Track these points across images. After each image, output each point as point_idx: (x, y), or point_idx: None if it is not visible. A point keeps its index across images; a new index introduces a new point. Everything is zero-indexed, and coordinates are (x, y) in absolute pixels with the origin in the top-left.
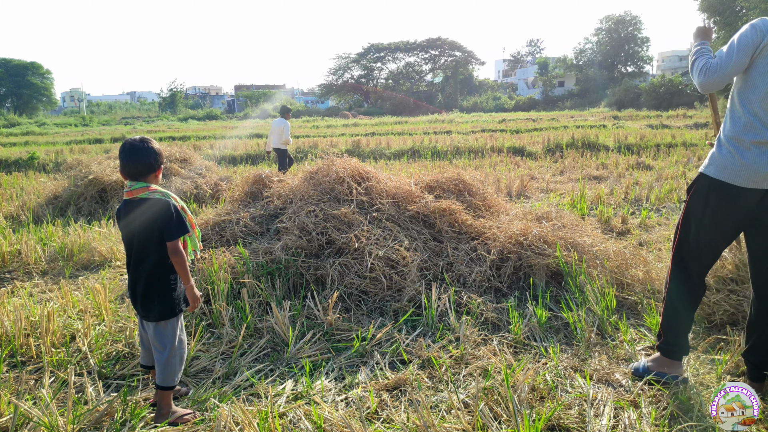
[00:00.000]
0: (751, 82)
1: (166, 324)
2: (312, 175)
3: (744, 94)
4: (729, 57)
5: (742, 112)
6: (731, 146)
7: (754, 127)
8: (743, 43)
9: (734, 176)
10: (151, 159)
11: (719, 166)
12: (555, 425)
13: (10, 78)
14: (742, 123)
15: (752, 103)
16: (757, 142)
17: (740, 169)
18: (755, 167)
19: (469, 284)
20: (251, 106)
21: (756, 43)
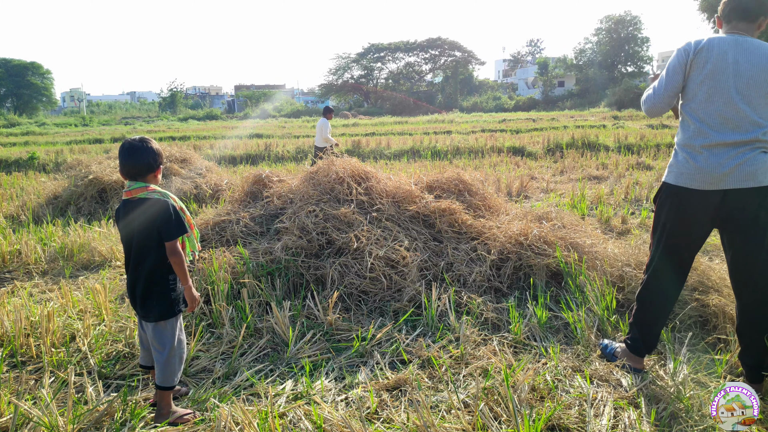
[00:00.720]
0: (691, 93)
1: (166, 324)
2: (312, 175)
3: (687, 105)
4: (660, 85)
5: (690, 120)
6: (685, 153)
7: (703, 132)
8: (671, 69)
9: (691, 180)
10: (149, 159)
11: (677, 172)
12: (555, 425)
13: (10, 78)
14: (691, 130)
15: (696, 111)
16: (707, 145)
17: (695, 173)
18: (708, 169)
19: (469, 284)
20: (251, 106)
21: (683, 64)
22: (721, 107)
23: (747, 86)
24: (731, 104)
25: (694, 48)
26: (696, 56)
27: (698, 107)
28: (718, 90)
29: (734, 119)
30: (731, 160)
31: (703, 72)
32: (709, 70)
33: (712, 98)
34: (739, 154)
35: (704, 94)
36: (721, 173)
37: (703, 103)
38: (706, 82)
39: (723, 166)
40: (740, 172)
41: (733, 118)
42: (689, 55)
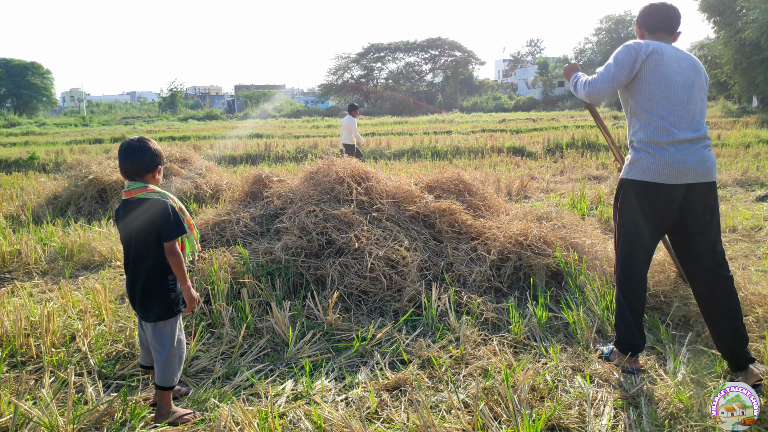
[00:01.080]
0: (648, 93)
1: (165, 324)
2: (312, 175)
3: (645, 104)
4: (608, 70)
5: (650, 118)
6: (649, 149)
7: (666, 129)
8: (620, 61)
9: (658, 175)
10: (147, 159)
11: (641, 168)
12: (555, 425)
13: (10, 78)
14: (653, 127)
15: (656, 109)
16: (672, 141)
17: (662, 168)
18: (675, 164)
19: (469, 284)
20: (251, 106)
21: (633, 61)
22: (677, 106)
23: (692, 88)
24: (684, 104)
25: (646, 49)
26: (648, 57)
27: (658, 105)
28: (673, 90)
29: (688, 117)
30: (692, 155)
31: (657, 73)
32: (661, 71)
33: (669, 98)
34: (696, 150)
35: (661, 93)
36: (686, 167)
37: (662, 101)
38: (662, 83)
39: (686, 161)
40: (700, 167)
41: (687, 116)
42: (640, 55)
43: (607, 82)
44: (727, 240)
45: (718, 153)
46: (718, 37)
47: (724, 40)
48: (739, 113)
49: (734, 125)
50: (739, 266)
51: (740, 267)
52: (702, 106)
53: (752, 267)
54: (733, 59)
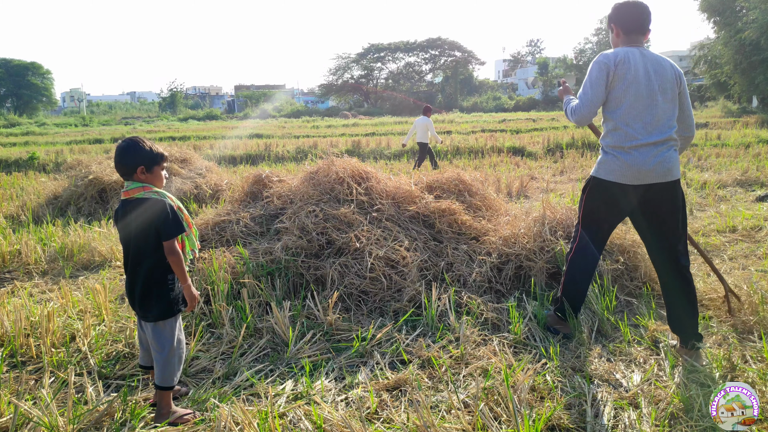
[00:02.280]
0: (616, 102)
1: (165, 324)
2: (312, 175)
3: (615, 113)
4: (586, 95)
5: (617, 125)
6: (616, 153)
7: (631, 135)
8: (595, 81)
9: (622, 176)
10: (137, 158)
11: (608, 170)
12: (555, 425)
13: (10, 78)
14: (620, 134)
15: (624, 117)
16: (635, 146)
17: (626, 170)
18: (637, 166)
19: (469, 284)
20: (251, 106)
21: (606, 76)
22: (642, 112)
23: (658, 93)
24: (650, 109)
25: (614, 60)
26: (617, 68)
27: (625, 114)
28: (639, 97)
29: (653, 123)
30: (654, 158)
31: (625, 82)
32: (629, 80)
33: (635, 105)
34: (659, 152)
35: (628, 101)
36: (647, 169)
37: (628, 109)
38: (629, 91)
39: (648, 163)
40: (661, 168)
41: (652, 121)
42: (611, 68)
43: (588, 107)
44: (727, 240)
45: (718, 153)
46: (718, 37)
47: (724, 40)
48: (739, 113)
49: (734, 125)
50: (739, 266)
51: (740, 267)
52: (670, 108)
53: (752, 267)
54: (733, 59)
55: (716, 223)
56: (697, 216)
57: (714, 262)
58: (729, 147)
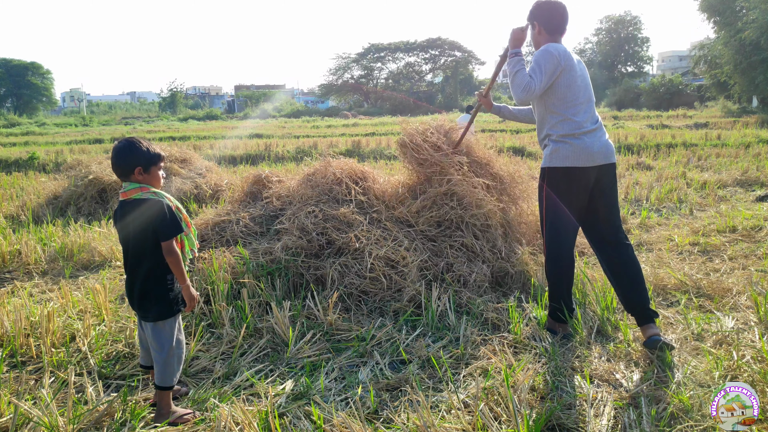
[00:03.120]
0: (562, 96)
1: (164, 324)
2: (309, 177)
3: (560, 105)
4: (540, 80)
5: (566, 116)
6: (567, 140)
7: (578, 123)
8: (548, 68)
9: (576, 160)
10: (133, 159)
11: (562, 156)
12: (555, 425)
13: (10, 78)
14: (568, 123)
15: (570, 109)
16: (584, 132)
17: (579, 153)
18: (588, 149)
19: (470, 285)
20: (251, 106)
21: (553, 68)
22: (583, 104)
23: (589, 87)
24: (589, 101)
25: (563, 55)
26: (564, 62)
27: (571, 106)
28: (581, 90)
29: (590, 112)
30: (598, 141)
31: (568, 78)
32: (572, 77)
33: (578, 96)
34: (600, 137)
35: (572, 95)
36: (596, 151)
37: (573, 101)
38: (572, 86)
39: (595, 145)
40: (606, 150)
41: (590, 111)
42: (560, 61)
43: (538, 91)
44: (727, 240)
45: (718, 153)
46: (718, 37)
47: (724, 40)
48: (739, 113)
49: (734, 125)
50: (739, 266)
51: (740, 267)
52: (593, 99)
53: (752, 267)
54: (733, 59)
55: (716, 223)
56: (697, 216)
57: (714, 262)
58: (729, 147)
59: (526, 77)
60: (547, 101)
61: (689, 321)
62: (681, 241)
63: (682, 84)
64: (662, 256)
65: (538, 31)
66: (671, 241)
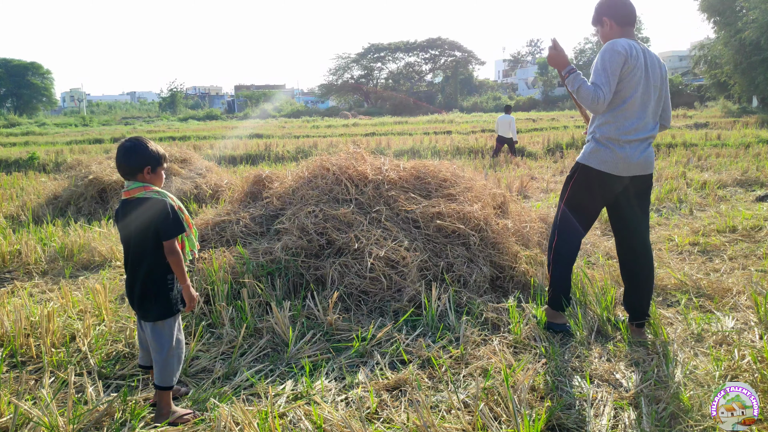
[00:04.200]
0: (620, 96)
1: (164, 324)
2: (310, 177)
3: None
4: (608, 84)
5: (617, 117)
6: (611, 144)
7: (628, 129)
8: (612, 70)
9: (614, 168)
10: (141, 159)
11: (600, 160)
12: (555, 425)
13: (10, 78)
14: (617, 126)
15: (624, 111)
16: (629, 140)
17: (618, 162)
18: (628, 159)
19: (470, 285)
20: (251, 106)
21: (621, 65)
22: (640, 109)
23: (653, 91)
24: (645, 107)
25: (629, 52)
26: (629, 61)
27: (627, 108)
28: (640, 94)
29: (646, 119)
30: (640, 152)
31: (633, 77)
32: (637, 76)
33: (637, 100)
34: (643, 148)
35: (632, 97)
36: (635, 162)
37: (631, 104)
38: (634, 86)
39: (635, 157)
40: (645, 162)
41: (646, 118)
42: (627, 59)
43: (607, 96)
44: (727, 240)
45: (718, 153)
46: (718, 37)
47: (724, 40)
48: (739, 113)
49: (734, 125)
50: (739, 266)
51: (740, 267)
52: (657, 106)
53: (752, 267)
54: (733, 59)
55: (716, 223)
56: (697, 216)
57: (714, 262)
58: (729, 147)
59: (590, 89)
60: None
61: (689, 321)
62: (681, 241)
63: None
64: (662, 256)
65: (610, 26)
66: (671, 241)
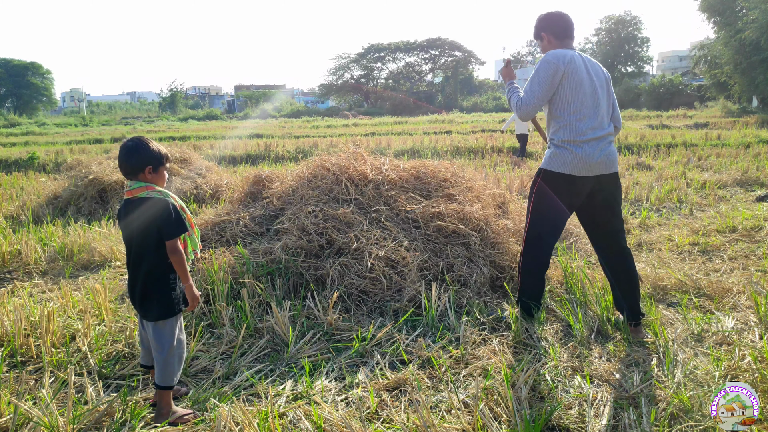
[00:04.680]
0: (566, 100)
1: (165, 323)
2: (310, 177)
3: (564, 110)
4: (534, 93)
5: (568, 121)
6: (567, 146)
7: (581, 130)
8: (543, 79)
9: (574, 168)
10: (143, 158)
11: (560, 162)
12: (555, 425)
13: (10, 78)
14: (570, 129)
15: (573, 114)
16: (586, 140)
17: (577, 162)
18: (587, 159)
19: (470, 285)
20: (251, 106)
21: (552, 75)
22: (589, 110)
23: (598, 91)
24: (595, 107)
25: (563, 60)
26: (566, 67)
27: (575, 111)
28: (586, 96)
29: (597, 119)
30: (600, 151)
31: (573, 82)
32: (577, 80)
33: (584, 103)
34: (603, 146)
35: (577, 99)
36: (595, 162)
37: (578, 107)
38: (577, 90)
39: (595, 156)
40: (606, 160)
41: (597, 118)
42: (560, 68)
43: (533, 104)
44: (726, 240)
45: (718, 153)
46: (718, 37)
47: (724, 40)
48: (739, 113)
49: (734, 125)
50: (739, 266)
51: (740, 267)
52: (606, 106)
53: (752, 267)
54: (733, 59)
55: (716, 223)
56: (697, 216)
57: (714, 262)
58: (729, 147)
59: (514, 98)
60: (551, 105)
61: (689, 321)
62: (681, 241)
63: (682, 84)
64: (662, 256)
65: (548, 41)
66: (671, 241)
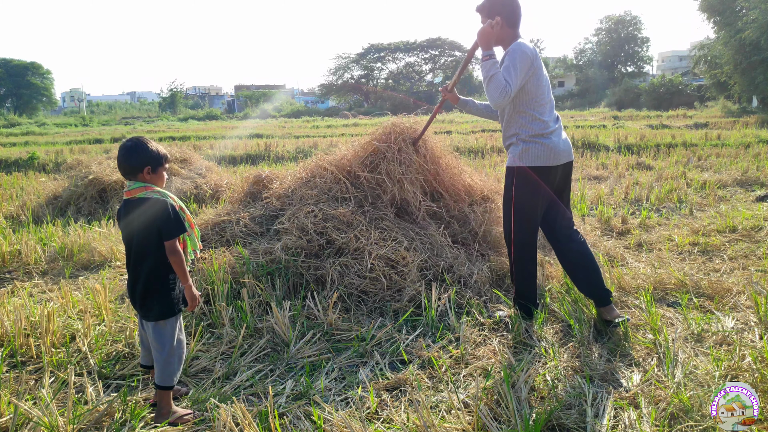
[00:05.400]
0: (533, 95)
1: (165, 324)
2: (309, 177)
3: (531, 104)
4: (515, 82)
5: (535, 116)
6: (538, 139)
7: (546, 123)
8: (522, 69)
9: (547, 159)
10: (141, 158)
11: (534, 156)
12: (555, 425)
13: (10, 78)
14: (538, 123)
15: (539, 108)
16: (551, 131)
17: (549, 153)
18: (557, 148)
19: (470, 284)
20: (251, 106)
21: (527, 66)
22: (549, 103)
23: (549, 84)
24: (550, 100)
25: (534, 54)
26: (534, 62)
27: (541, 106)
28: (546, 90)
29: (554, 110)
30: (562, 140)
31: (539, 76)
32: (541, 75)
33: (545, 96)
34: (563, 135)
35: (541, 94)
36: (561, 150)
37: (542, 101)
38: (540, 85)
39: (561, 145)
40: (567, 147)
41: (553, 109)
42: (533, 61)
43: (513, 93)
44: (727, 240)
45: (718, 153)
46: (718, 37)
47: (724, 40)
48: (739, 113)
49: (734, 125)
50: (739, 266)
51: (740, 267)
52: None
53: (752, 267)
54: (733, 59)
55: (716, 223)
56: (697, 216)
57: (714, 262)
58: (729, 147)
59: (502, 81)
60: (516, 101)
61: (689, 321)
62: (681, 241)
63: (682, 84)
64: (662, 256)
65: (501, 25)
66: (671, 241)
